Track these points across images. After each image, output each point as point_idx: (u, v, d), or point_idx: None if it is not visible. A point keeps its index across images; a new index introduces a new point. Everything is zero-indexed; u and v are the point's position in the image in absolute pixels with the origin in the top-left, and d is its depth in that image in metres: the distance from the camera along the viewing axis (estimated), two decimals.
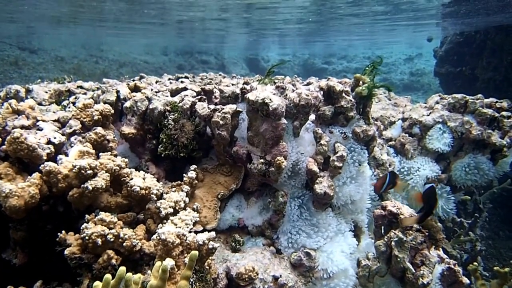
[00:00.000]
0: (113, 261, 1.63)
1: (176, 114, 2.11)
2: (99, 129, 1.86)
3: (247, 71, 18.95)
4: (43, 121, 1.91)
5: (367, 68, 2.11)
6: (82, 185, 1.65)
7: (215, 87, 2.27)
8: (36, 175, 1.68)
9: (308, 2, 8.99)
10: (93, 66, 15.30)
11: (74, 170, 1.63)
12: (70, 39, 18.15)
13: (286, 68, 20.63)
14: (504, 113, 2.69)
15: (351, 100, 2.10)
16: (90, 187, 1.65)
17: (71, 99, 2.27)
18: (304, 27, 12.61)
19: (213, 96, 2.28)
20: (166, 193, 1.97)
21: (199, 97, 2.20)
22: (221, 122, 2.02)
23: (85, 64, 15.15)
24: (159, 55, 19.38)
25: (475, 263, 2.11)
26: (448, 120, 2.68)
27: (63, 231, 1.65)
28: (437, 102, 2.87)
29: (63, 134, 1.88)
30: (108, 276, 1.18)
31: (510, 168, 2.87)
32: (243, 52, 21.86)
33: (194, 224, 1.91)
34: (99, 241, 1.59)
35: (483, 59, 7.03)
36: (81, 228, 1.60)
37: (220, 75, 4.00)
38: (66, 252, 1.60)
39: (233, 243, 2.07)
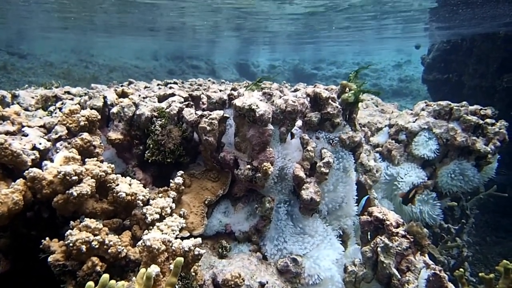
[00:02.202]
0: (98, 268, 1.61)
1: (163, 120, 2.11)
2: (85, 135, 1.85)
3: (237, 76, 19.08)
4: (29, 126, 1.89)
5: (351, 74, 2.15)
6: (67, 191, 1.63)
7: (202, 93, 2.28)
8: (20, 181, 1.66)
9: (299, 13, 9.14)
10: (83, 71, 15.20)
11: (59, 176, 1.61)
12: (60, 44, 18.03)
13: (277, 73, 20.80)
14: (488, 120, 2.75)
15: (337, 107, 2.13)
16: (75, 193, 1.63)
17: (58, 104, 2.26)
18: (295, 30, 12.77)
19: (201, 102, 2.29)
20: (153, 199, 1.96)
21: (186, 103, 2.21)
22: (208, 128, 2.03)
23: (75, 69, 15.06)
24: (149, 60, 19.40)
25: (461, 269, 2.14)
26: (434, 127, 2.73)
27: (47, 238, 1.63)
28: (422, 109, 2.93)
29: (48, 140, 1.87)
30: (90, 283, 1.16)
31: (495, 174, 2.93)
32: (234, 57, 22.02)
33: (181, 230, 1.91)
34: (84, 247, 1.57)
35: (470, 66, 7.21)
36: (66, 234, 1.58)
37: (209, 80, 4.02)
38: (49, 259, 1.57)
39: (220, 249, 2.07)
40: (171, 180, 2.03)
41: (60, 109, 2.19)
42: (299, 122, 2.25)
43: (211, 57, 20.44)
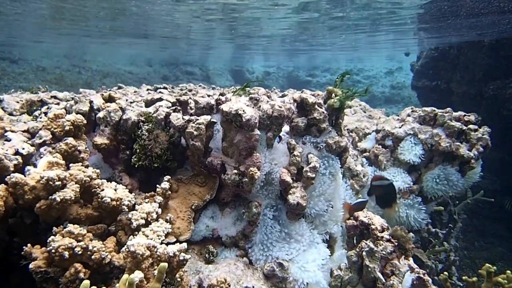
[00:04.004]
0: (81, 274, 1.59)
1: (150, 125, 2.11)
2: (70, 140, 1.83)
3: (232, 82, 19.13)
4: (12, 131, 1.87)
5: (337, 79, 2.19)
6: (50, 197, 1.62)
7: (190, 98, 2.29)
8: (1, 186, 1.64)
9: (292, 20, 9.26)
10: (75, 76, 15.09)
11: (41, 182, 1.60)
12: (52, 49, 17.90)
13: (271, 80, 20.95)
14: (471, 126, 2.81)
15: (323, 112, 2.16)
16: (58, 199, 1.62)
17: (43, 109, 2.24)
18: (289, 38, 12.90)
19: (188, 107, 2.30)
20: (139, 204, 1.95)
21: (173, 107, 2.22)
22: (195, 132, 2.03)
23: (68, 74, 14.95)
24: (143, 66, 19.35)
25: (445, 273, 2.17)
26: (419, 133, 2.78)
27: (29, 244, 1.61)
28: (408, 115, 2.98)
29: (32, 145, 1.85)
30: None
31: (479, 178, 2.99)
32: (228, 64, 22.08)
33: (167, 235, 1.90)
34: (66, 254, 1.55)
35: (457, 74, 7.35)
36: (48, 241, 1.57)
37: (200, 86, 4.04)
38: (31, 266, 1.55)
39: (206, 255, 2.06)
40: (157, 185, 2.03)
41: (45, 113, 2.18)
42: (286, 127, 2.27)
43: (205, 63, 20.47)
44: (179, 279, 1.74)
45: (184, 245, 1.65)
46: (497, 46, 6.43)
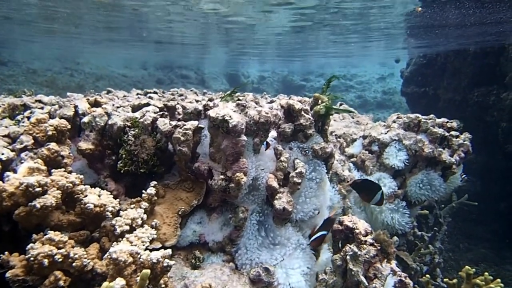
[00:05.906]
0: (61, 282, 1.56)
1: (136, 130, 2.10)
2: (52, 145, 1.81)
3: (228, 86, 19.10)
4: None
5: (324, 85, 2.22)
6: (30, 203, 1.59)
7: (178, 104, 2.29)
8: None
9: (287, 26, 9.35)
10: (68, 79, 14.84)
11: (21, 188, 1.57)
12: (44, 51, 17.61)
13: (266, 84, 21.04)
14: (453, 132, 2.90)
15: (309, 118, 2.18)
16: (38, 206, 1.59)
17: (26, 113, 2.21)
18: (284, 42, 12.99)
19: (176, 112, 2.30)
20: (124, 210, 1.93)
21: (161, 113, 2.22)
22: (182, 138, 2.03)
23: (60, 77, 14.68)
24: (138, 69, 19.15)
25: (427, 275, 2.21)
26: (404, 139, 2.84)
27: (6, 252, 1.57)
28: (394, 121, 3.05)
29: (12, 150, 1.82)
30: None
31: (462, 182, 3.07)
32: (223, 68, 22.07)
33: (151, 241, 1.88)
34: (46, 261, 1.52)
35: (444, 81, 7.51)
36: (27, 248, 1.54)
37: (191, 90, 4.04)
38: (7, 274, 1.51)
39: (193, 260, 2.05)
40: (143, 191, 2.01)
41: (28, 118, 2.15)
42: (274, 133, 2.29)
43: (201, 67, 20.41)
44: (163, 286, 1.72)
45: (169, 251, 1.64)
46: (481, 55, 6.61)
